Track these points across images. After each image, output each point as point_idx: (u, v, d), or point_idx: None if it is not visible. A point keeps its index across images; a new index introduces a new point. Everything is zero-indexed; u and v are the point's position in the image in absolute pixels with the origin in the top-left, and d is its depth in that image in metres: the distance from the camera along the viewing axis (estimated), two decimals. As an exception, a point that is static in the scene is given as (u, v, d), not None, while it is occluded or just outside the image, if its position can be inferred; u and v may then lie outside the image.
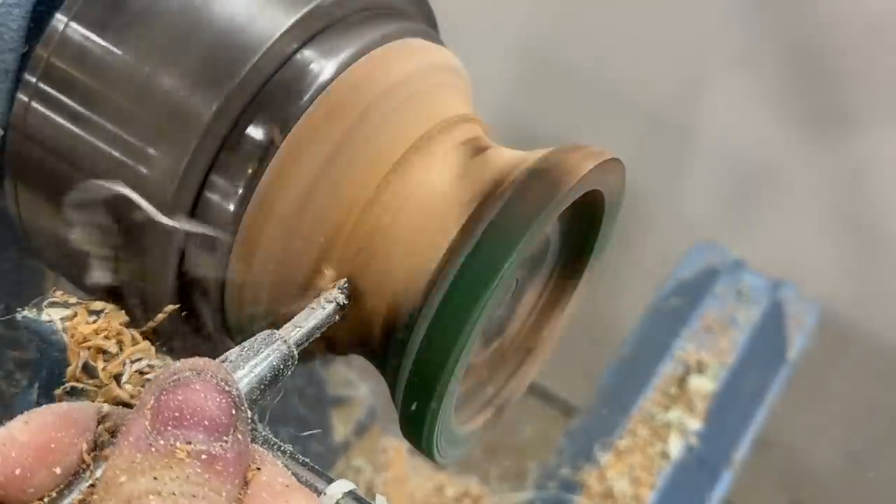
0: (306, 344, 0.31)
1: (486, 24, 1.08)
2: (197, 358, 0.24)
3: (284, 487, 0.23)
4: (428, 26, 0.40)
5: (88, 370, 0.29)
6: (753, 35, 0.94)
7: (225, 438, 0.23)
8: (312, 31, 0.34)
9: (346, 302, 0.33)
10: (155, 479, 0.21)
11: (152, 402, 0.23)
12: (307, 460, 0.28)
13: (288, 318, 0.32)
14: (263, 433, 0.28)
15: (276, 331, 0.30)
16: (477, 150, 0.35)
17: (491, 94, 1.12)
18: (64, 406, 0.25)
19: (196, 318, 0.36)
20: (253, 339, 0.29)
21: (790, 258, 1.01)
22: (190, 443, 0.22)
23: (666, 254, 1.02)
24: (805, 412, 1.06)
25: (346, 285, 0.33)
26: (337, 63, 0.34)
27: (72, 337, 0.30)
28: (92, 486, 0.23)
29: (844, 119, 0.93)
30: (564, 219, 0.37)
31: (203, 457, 0.22)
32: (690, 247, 0.99)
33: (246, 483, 0.23)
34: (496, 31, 1.09)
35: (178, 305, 0.33)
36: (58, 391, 0.29)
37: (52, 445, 0.23)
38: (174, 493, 0.21)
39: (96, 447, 0.24)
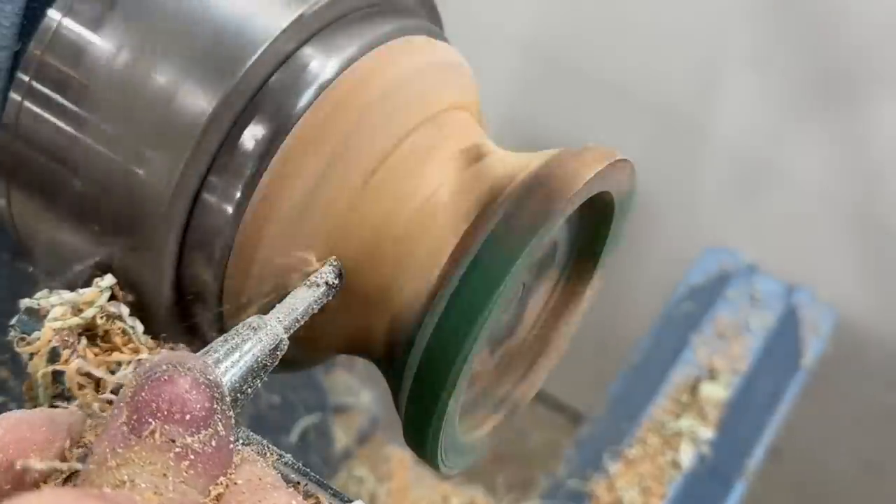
0: (297, 327, 0.30)
1: (493, 21, 1.08)
2: (175, 351, 0.24)
3: (266, 484, 0.23)
4: (432, 23, 0.39)
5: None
6: (766, 32, 0.93)
7: (202, 432, 0.22)
8: (313, 28, 0.33)
9: (336, 282, 0.31)
10: (127, 471, 0.21)
11: (129, 397, 0.23)
12: (308, 470, 0.27)
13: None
14: (263, 441, 0.27)
15: (263, 317, 0.29)
16: (476, 157, 0.34)
17: (499, 94, 1.11)
18: (46, 411, 0.24)
19: (193, 324, 0.35)
20: (239, 326, 0.28)
21: (805, 262, 0.99)
22: (166, 436, 0.22)
23: (677, 258, 1.01)
24: (820, 420, 1.04)
25: (337, 263, 0.32)
26: (338, 61, 0.33)
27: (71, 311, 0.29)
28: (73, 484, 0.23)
29: (861, 118, 0.91)
30: (573, 220, 0.36)
31: (177, 450, 0.22)
32: (702, 251, 0.98)
33: (227, 479, 0.23)
34: (504, 29, 1.08)
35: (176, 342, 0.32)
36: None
37: (26, 445, 0.23)
38: (144, 485, 0.21)
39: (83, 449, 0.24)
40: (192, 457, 0.22)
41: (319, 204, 0.32)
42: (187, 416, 0.22)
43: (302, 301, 0.30)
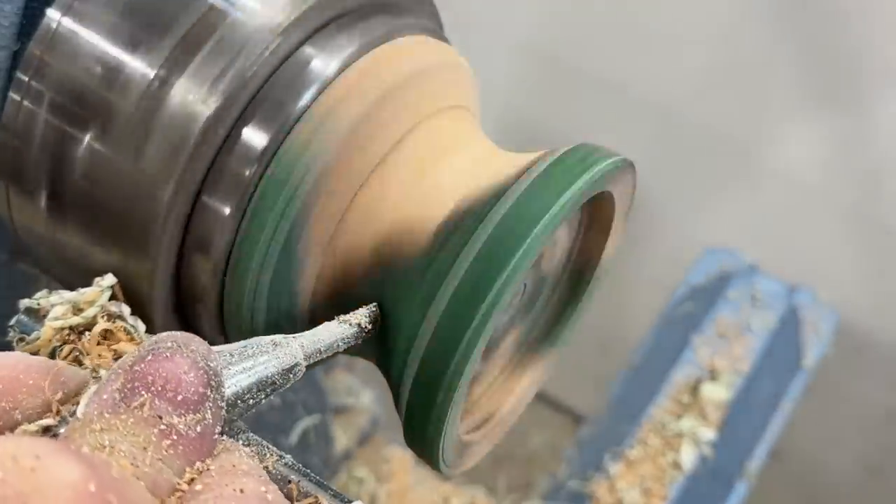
0: (317, 359, 0.30)
1: (493, 21, 1.07)
2: (181, 332, 0.24)
3: (238, 470, 0.23)
4: (432, 23, 0.39)
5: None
6: (766, 32, 0.93)
7: (190, 415, 0.23)
8: (313, 27, 0.33)
9: (369, 327, 0.31)
10: (109, 436, 0.21)
11: (128, 365, 0.23)
12: (308, 471, 0.27)
13: (289, 329, 0.30)
14: (263, 441, 0.27)
15: (288, 337, 0.28)
16: (475, 157, 0.34)
17: (499, 94, 1.11)
18: (50, 361, 0.25)
19: (193, 326, 0.35)
20: (261, 337, 0.28)
21: (806, 262, 0.99)
22: (154, 411, 0.22)
23: (677, 258, 1.00)
24: (822, 421, 1.04)
25: (375, 310, 0.32)
26: (339, 61, 0.33)
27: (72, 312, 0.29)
28: (54, 435, 0.23)
29: (862, 118, 0.91)
30: (575, 220, 0.36)
31: (162, 427, 0.22)
32: (702, 251, 0.97)
33: (203, 464, 0.23)
34: (504, 29, 1.08)
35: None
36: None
37: (18, 384, 0.23)
38: (122, 452, 0.21)
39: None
40: (174, 437, 0.22)
41: (317, 206, 0.32)
42: (179, 397, 0.22)
43: (329, 335, 0.30)
